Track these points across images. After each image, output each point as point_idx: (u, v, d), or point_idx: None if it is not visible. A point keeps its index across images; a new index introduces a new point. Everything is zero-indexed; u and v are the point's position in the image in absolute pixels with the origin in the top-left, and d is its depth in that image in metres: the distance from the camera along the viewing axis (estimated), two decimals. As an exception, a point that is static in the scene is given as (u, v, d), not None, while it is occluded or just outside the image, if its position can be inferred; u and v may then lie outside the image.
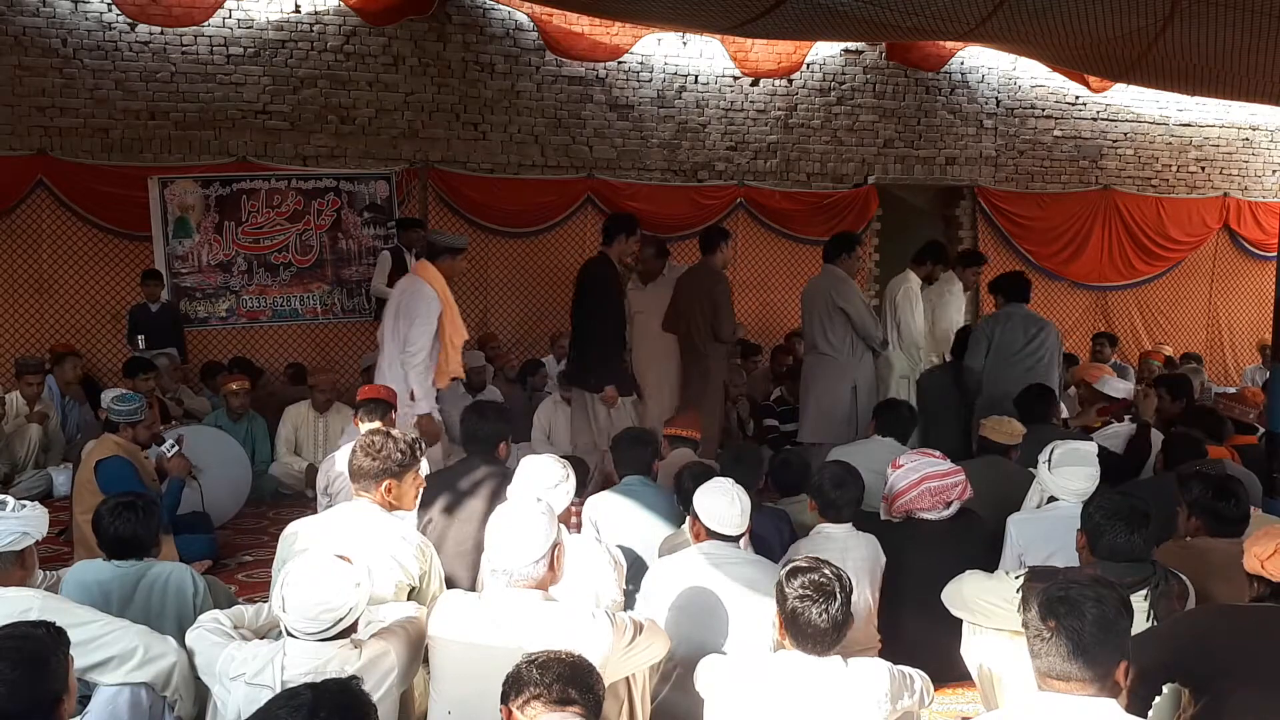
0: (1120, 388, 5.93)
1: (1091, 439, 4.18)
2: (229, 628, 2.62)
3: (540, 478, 3.22)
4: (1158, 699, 2.49)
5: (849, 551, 3.42)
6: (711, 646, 2.90)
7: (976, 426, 5.06)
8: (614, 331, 5.80)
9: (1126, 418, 5.77)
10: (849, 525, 3.58)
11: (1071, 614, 1.96)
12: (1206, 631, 2.48)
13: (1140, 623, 2.73)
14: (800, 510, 4.11)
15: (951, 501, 3.70)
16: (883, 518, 3.81)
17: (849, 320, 5.83)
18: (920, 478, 3.70)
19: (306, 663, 2.37)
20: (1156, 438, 5.09)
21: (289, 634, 2.41)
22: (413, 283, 5.16)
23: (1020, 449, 4.65)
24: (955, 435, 5.86)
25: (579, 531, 3.79)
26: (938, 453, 3.85)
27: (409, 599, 3.02)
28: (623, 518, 3.88)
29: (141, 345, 7.33)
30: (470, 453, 3.94)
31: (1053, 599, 2.00)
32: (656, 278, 6.22)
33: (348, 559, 2.51)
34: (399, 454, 3.14)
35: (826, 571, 2.43)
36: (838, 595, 2.38)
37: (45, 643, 2.08)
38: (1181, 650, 2.46)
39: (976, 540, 3.73)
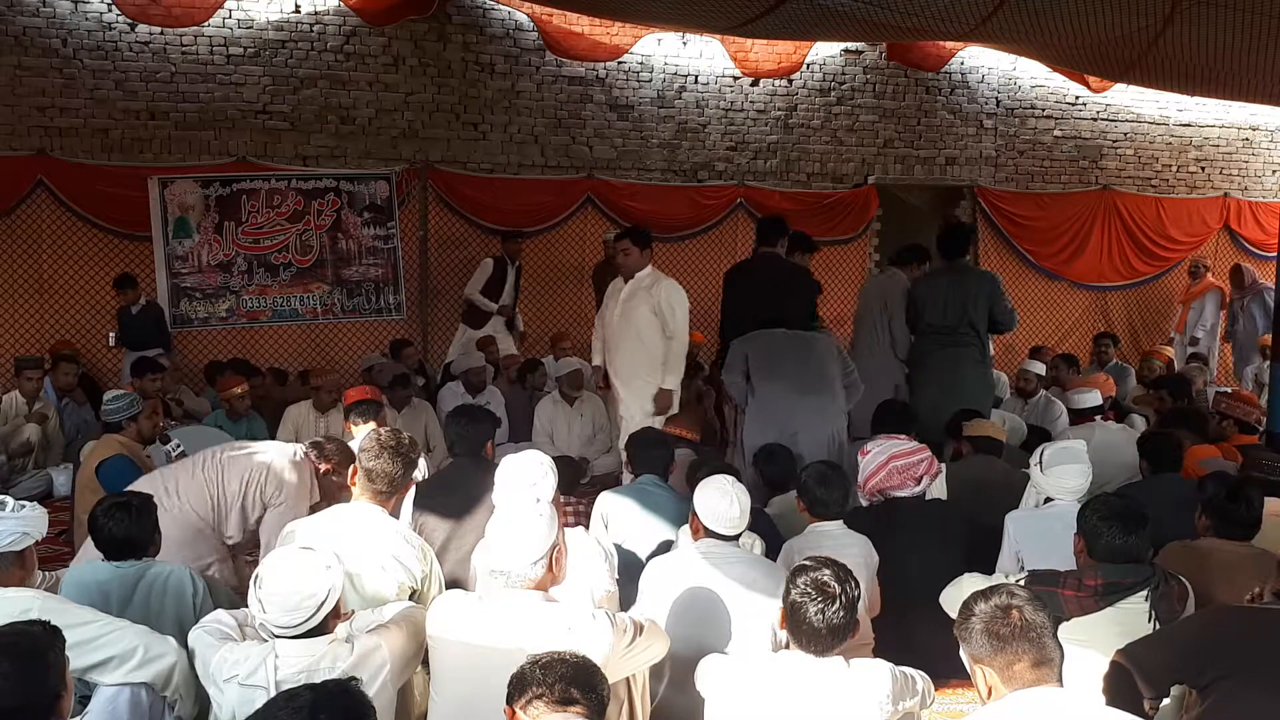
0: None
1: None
2: (231, 627, 2.60)
3: (519, 477, 3.17)
4: (1165, 701, 2.48)
5: (845, 549, 3.42)
6: (710, 646, 2.90)
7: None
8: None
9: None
10: (840, 522, 3.61)
11: (1021, 603, 2.10)
12: (1218, 632, 2.47)
13: (1141, 625, 2.74)
14: (789, 505, 4.12)
15: (921, 477, 3.82)
16: (861, 504, 3.89)
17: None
18: (888, 457, 3.84)
19: (299, 661, 2.37)
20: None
21: (274, 635, 2.42)
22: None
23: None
24: None
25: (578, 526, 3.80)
26: (901, 436, 4.01)
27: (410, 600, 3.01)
28: (632, 517, 3.89)
29: (112, 341, 7.64)
30: (459, 454, 3.95)
31: (1000, 600, 2.11)
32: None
33: (310, 548, 2.53)
34: (416, 454, 3.19)
35: (831, 573, 2.42)
36: (839, 599, 2.38)
37: (41, 640, 2.09)
38: (1191, 651, 2.45)
39: (956, 522, 3.83)
